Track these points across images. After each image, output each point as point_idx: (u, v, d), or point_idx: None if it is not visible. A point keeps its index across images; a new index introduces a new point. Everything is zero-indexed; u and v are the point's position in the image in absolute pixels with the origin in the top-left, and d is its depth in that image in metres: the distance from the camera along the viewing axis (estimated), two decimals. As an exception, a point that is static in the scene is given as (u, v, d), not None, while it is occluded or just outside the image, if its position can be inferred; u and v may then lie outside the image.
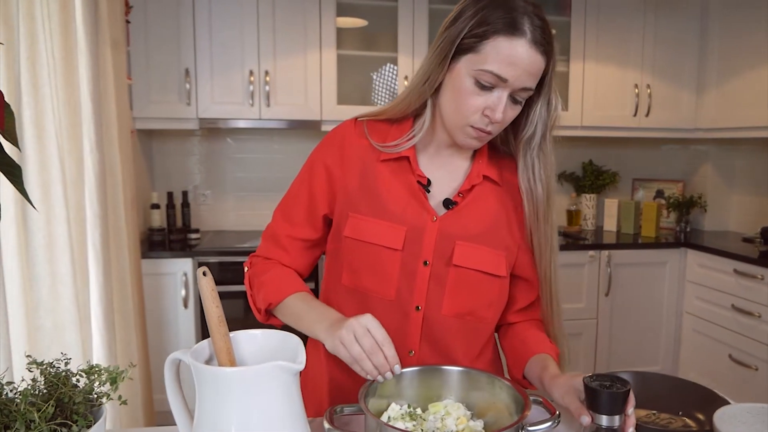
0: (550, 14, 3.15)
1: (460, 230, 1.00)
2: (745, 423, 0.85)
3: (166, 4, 2.72)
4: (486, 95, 0.90)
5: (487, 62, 0.88)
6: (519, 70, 0.88)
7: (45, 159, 1.47)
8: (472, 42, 0.89)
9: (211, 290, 0.70)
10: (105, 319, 1.73)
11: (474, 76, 0.90)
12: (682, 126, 3.24)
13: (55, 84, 1.55)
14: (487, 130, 0.93)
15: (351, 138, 1.03)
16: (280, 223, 1.08)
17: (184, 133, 3.14)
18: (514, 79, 0.88)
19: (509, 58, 0.87)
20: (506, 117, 0.93)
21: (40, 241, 1.44)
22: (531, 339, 1.04)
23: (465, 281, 1.00)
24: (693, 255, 2.99)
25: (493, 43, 0.87)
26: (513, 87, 0.89)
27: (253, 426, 0.64)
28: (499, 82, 0.89)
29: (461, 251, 0.99)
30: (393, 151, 1.00)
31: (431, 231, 0.99)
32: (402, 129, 1.02)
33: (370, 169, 1.01)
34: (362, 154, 1.02)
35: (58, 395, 0.63)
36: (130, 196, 2.14)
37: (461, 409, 0.85)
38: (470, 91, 0.90)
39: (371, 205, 1.00)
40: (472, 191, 1.02)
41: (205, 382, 0.64)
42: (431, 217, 0.99)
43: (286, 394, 0.65)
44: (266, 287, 1.01)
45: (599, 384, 0.83)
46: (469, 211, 1.01)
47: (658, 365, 3.11)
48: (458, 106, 0.93)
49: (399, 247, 0.98)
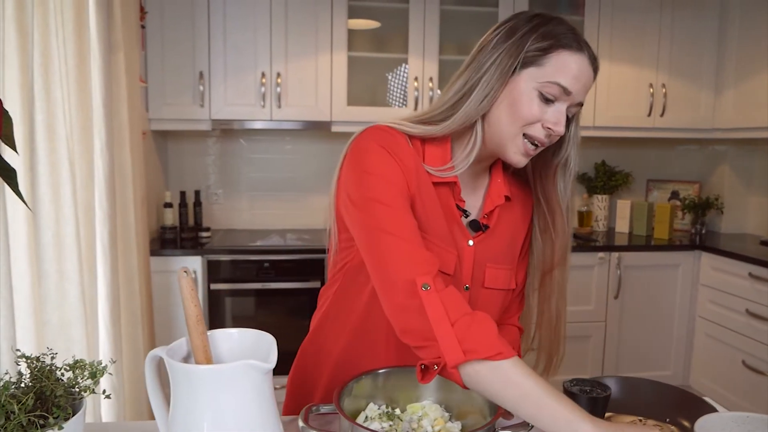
0: (564, 13, 3.14)
1: (489, 253, 1.02)
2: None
3: (182, 9, 2.78)
4: (547, 108, 0.90)
5: (554, 75, 0.88)
6: (580, 84, 0.89)
7: (55, 161, 1.52)
8: (536, 56, 0.89)
9: (191, 290, 0.73)
10: (111, 315, 1.78)
11: (538, 89, 0.89)
12: (699, 126, 3.19)
13: (68, 89, 1.60)
14: (544, 141, 0.92)
15: (406, 149, 0.94)
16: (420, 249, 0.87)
17: (199, 134, 3.19)
18: (577, 92, 0.90)
19: (575, 71, 0.88)
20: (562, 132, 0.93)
21: (49, 240, 1.49)
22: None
23: (491, 301, 1.04)
24: (707, 258, 2.95)
25: (560, 57, 0.89)
26: (573, 101, 0.91)
27: (225, 422, 0.66)
28: (562, 95, 0.89)
29: (491, 274, 1.02)
30: (444, 175, 0.95)
31: (469, 256, 1.00)
32: (443, 149, 0.97)
33: (424, 188, 0.95)
34: (417, 168, 0.94)
35: (40, 388, 0.66)
36: (140, 195, 2.20)
37: (439, 410, 0.86)
38: (533, 101, 0.90)
39: (426, 223, 0.94)
40: (494, 213, 1.03)
41: (178, 378, 0.66)
42: (467, 242, 1.00)
43: (258, 392, 0.67)
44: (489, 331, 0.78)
45: (579, 389, 0.84)
46: (495, 234, 1.03)
47: (669, 370, 3.07)
48: (516, 116, 0.90)
49: (451, 272, 0.96)
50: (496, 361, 0.75)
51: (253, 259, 2.71)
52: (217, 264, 2.70)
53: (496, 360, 0.75)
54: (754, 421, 0.83)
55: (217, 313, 2.72)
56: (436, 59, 2.96)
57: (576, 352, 2.98)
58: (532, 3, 3.01)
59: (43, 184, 1.47)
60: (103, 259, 1.80)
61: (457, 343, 0.77)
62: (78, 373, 0.71)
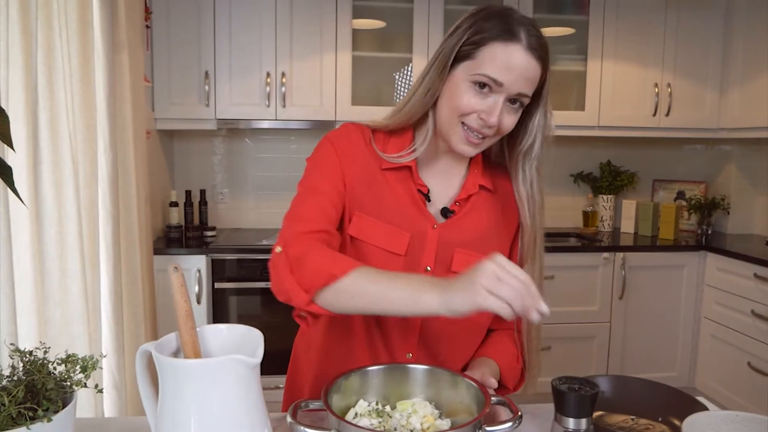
0: (568, 13, 3.14)
1: (458, 238, 1.02)
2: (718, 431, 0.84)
3: (188, 10, 2.80)
4: (482, 99, 0.92)
5: (483, 67, 0.90)
6: (514, 74, 0.90)
7: (58, 159, 1.54)
8: (469, 50, 0.92)
9: (181, 286, 0.74)
10: (114, 312, 1.80)
11: (470, 80, 0.92)
12: (704, 126, 3.18)
13: (71, 88, 1.62)
14: (482, 132, 0.94)
15: (359, 140, 1.03)
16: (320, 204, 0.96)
17: (204, 133, 3.22)
18: (510, 83, 0.90)
19: (505, 62, 0.89)
20: (504, 123, 0.94)
21: (52, 237, 1.51)
22: (491, 346, 1.06)
23: None
24: (712, 258, 2.93)
25: (489, 49, 0.90)
26: (509, 92, 0.91)
27: (211, 416, 0.67)
28: (495, 86, 0.91)
29: (460, 258, 1.02)
30: (397, 161, 1.01)
31: (432, 238, 1.01)
32: (402, 139, 1.03)
33: (373, 173, 1.02)
34: (367, 157, 1.02)
35: (30, 381, 0.67)
36: (143, 194, 2.22)
37: (428, 407, 0.87)
38: (469, 93, 0.92)
39: (376, 208, 1.00)
40: (469, 200, 1.05)
41: (166, 373, 0.67)
42: (431, 225, 1.02)
43: (244, 387, 0.68)
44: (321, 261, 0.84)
45: (567, 387, 0.84)
46: (467, 220, 1.04)
47: (675, 371, 3.05)
48: (453, 105, 0.94)
49: (402, 253, 1.00)
50: (333, 284, 0.82)
51: (258, 258, 2.72)
52: (222, 263, 2.72)
53: (332, 283, 0.82)
54: (744, 419, 0.83)
55: (222, 311, 2.74)
56: (440, 59, 2.96)
57: (580, 353, 2.97)
58: (536, 2, 3.00)
59: (46, 182, 1.49)
60: (106, 257, 1.83)
61: (298, 285, 0.83)
62: (70, 367, 0.73)
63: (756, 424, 0.82)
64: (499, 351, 1.04)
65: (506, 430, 0.76)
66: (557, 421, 0.83)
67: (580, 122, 3.11)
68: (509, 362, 1.04)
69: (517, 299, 0.73)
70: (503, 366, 1.02)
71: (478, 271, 0.75)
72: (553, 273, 2.89)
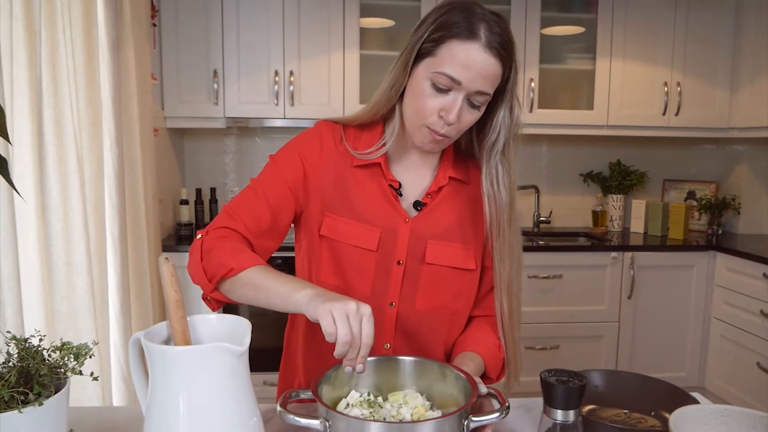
0: (576, 12, 3.12)
1: (430, 230, 1.03)
2: (708, 424, 0.84)
3: (196, 8, 2.83)
4: (442, 97, 0.93)
5: (441, 65, 0.91)
6: (472, 72, 0.90)
7: (63, 155, 1.56)
8: (430, 46, 0.92)
9: (171, 276, 0.75)
10: (122, 307, 1.83)
11: (430, 78, 0.92)
12: (715, 125, 3.14)
13: (75, 85, 1.65)
14: (442, 132, 0.95)
15: (329, 141, 1.05)
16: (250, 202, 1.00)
17: (214, 132, 3.25)
18: (468, 81, 0.90)
19: (462, 60, 0.90)
20: (463, 121, 0.95)
21: (58, 232, 1.54)
22: (471, 337, 1.07)
23: (437, 277, 1.04)
24: (722, 258, 2.90)
25: (448, 47, 0.90)
26: (468, 90, 0.92)
27: (199, 402, 0.68)
28: (453, 85, 0.91)
29: (433, 250, 1.03)
30: (367, 158, 1.03)
31: (404, 232, 1.03)
32: (373, 135, 1.05)
33: (344, 172, 1.04)
34: (337, 157, 1.04)
35: (24, 367, 0.69)
36: (151, 191, 2.25)
37: (419, 399, 0.87)
38: (427, 93, 0.93)
39: (346, 207, 1.03)
40: (440, 192, 1.06)
41: (155, 360, 0.69)
42: (403, 219, 1.03)
43: (232, 374, 0.69)
44: (226, 253, 0.91)
45: (556, 379, 0.84)
46: (438, 212, 1.05)
47: (684, 371, 3.02)
48: (416, 108, 0.95)
49: (374, 248, 1.02)
50: (232, 277, 0.89)
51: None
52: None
53: (230, 276, 0.89)
54: (733, 413, 0.83)
55: (232, 306, 2.76)
56: (447, 57, 2.96)
57: (589, 353, 2.95)
58: (545, 1, 2.99)
59: (51, 178, 1.52)
60: (113, 253, 1.85)
61: (204, 274, 0.92)
62: (64, 354, 0.74)
63: (744, 418, 0.82)
64: (479, 342, 1.04)
65: (492, 420, 0.77)
66: (546, 413, 0.83)
67: (588, 121, 3.09)
68: (492, 352, 1.04)
69: (344, 344, 0.76)
70: (486, 357, 1.02)
71: (347, 301, 0.78)
72: (561, 272, 2.88)
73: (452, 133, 0.96)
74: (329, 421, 0.74)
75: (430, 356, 1.03)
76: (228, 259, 0.90)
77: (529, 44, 3.00)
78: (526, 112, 3.03)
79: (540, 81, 3.03)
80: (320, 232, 1.03)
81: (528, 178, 3.43)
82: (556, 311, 2.91)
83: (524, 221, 3.48)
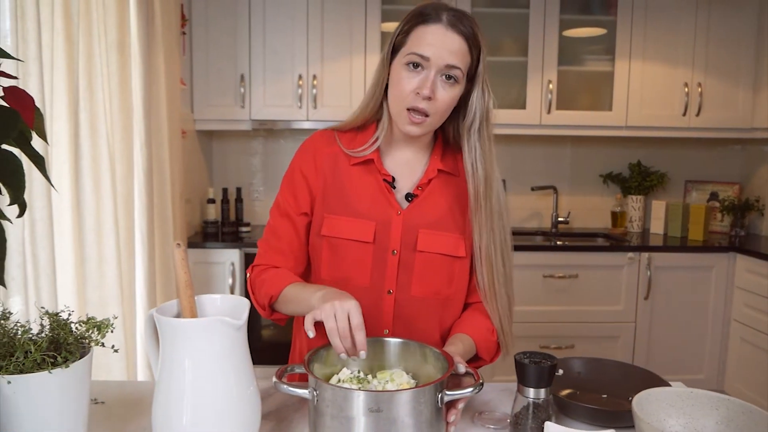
0: (596, 14, 3.15)
1: (421, 220, 1.12)
2: (673, 406, 0.89)
3: (225, 17, 2.97)
4: (416, 77, 1.03)
5: (411, 48, 1.03)
6: (437, 48, 1.01)
7: (97, 155, 1.70)
8: (402, 38, 1.05)
9: (182, 260, 0.85)
10: (148, 298, 1.96)
11: (405, 63, 1.04)
12: (737, 125, 3.12)
13: (109, 91, 1.78)
14: (421, 107, 1.03)
15: (321, 147, 1.16)
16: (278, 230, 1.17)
17: (241, 133, 3.38)
18: (436, 57, 1.01)
19: (427, 39, 1.02)
20: (440, 98, 1.04)
21: (91, 225, 1.67)
22: (465, 321, 1.14)
23: (430, 264, 1.12)
24: (742, 260, 2.88)
25: (416, 32, 1.03)
26: (438, 65, 1.02)
27: (203, 367, 0.78)
28: (422, 61, 1.02)
29: (424, 238, 1.11)
30: (360, 155, 1.13)
31: (397, 223, 1.12)
32: (367, 134, 1.15)
33: (341, 173, 1.14)
34: (333, 160, 1.15)
35: (53, 336, 0.80)
36: (178, 190, 2.38)
37: (405, 377, 0.95)
38: (404, 75, 1.04)
39: (343, 205, 1.13)
40: (430, 184, 1.14)
41: (165, 331, 0.79)
42: (396, 211, 1.12)
43: (231, 345, 0.79)
44: (266, 284, 1.11)
45: (529, 360, 0.91)
46: (429, 202, 1.13)
47: (702, 374, 3.01)
48: (396, 93, 1.06)
49: (370, 240, 1.11)
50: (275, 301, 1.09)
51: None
52: (254, 256, 2.86)
53: (273, 301, 1.10)
54: (698, 395, 0.88)
55: (252, 302, 2.88)
56: (466, 61, 3.03)
57: (604, 353, 2.96)
58: (564, 3, 3.03)
59: (86, 176, 1.65)
60: (141, 247, 1.99)
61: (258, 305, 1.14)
62: (89, 327, 0.85)
63: (708, 400, 0.87)
64: (473, 326, 1.11)
65: (465, 395, 0.84)
66: (519, 391, 0.91)
67: (607, 122, 3.11)
68: (484, 336, 1.10)
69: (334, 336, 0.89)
70: (478, 340, 1.08)
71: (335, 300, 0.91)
72: (576, 272, 2.91)
73: (432, 110, 1.04)
74: (317, 391, 0.82)
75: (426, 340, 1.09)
76: (267, 288, 1.10)
77: (548, 47, 3.04)
78: (544, 113, 3.07)
79: (558, 83, 3.07)
80: (321, 232, 1.14)
81: (547, 178, 3.47)
82: (571, 311, 2.94)
83: (543, 222, 3.52)
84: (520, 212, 3.53)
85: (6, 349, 0.76)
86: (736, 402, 0.85)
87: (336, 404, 0.80)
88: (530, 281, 2.92)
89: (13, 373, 0.74)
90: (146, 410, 0.98)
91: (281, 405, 1.04)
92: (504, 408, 1.02)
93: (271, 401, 1.04)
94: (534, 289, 2.92)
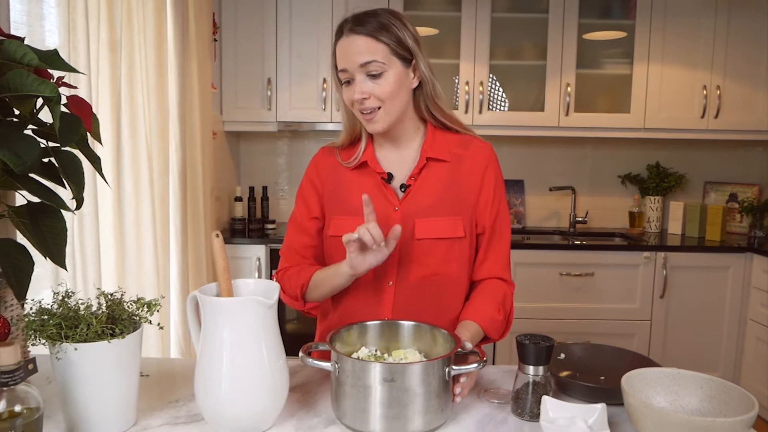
0: (615, 18, 3.21)
1: (416, 208, 1.21)
2: (661, 385, 0.97)
3: (253, 24, 3.12)
4: (350, 87, 1.16)
5: (337, 66, 1.17)
6: (347, 56, 1.14)
7: (136, 155, 1.84)
8: (334, 60, 1.19)
9: (220, 248, 0.97)
10: (181, 288, 2.09)
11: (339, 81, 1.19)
12: (756, 128, 3.15)
13: (148, 96, 1.92)
14: (365, 108, 1.16)
15: (322, 159, 1.32)
16: (295, 237, 1.32)
17: (268, 135, 3.52)
18: (349, 63, 1.14)
19: (340, 53, 1.16)
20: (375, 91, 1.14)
21: (131, 220, 1.81)
22: (471, 305, 1.21)
23: (428, 249, 1.21)
24: (759, 260, 2.91)
25: (336, 52, 1.17)
26: (356, 70, 1.13)
27: (238, 341, 0.89)
28: (344, 74, 1.15)
29: (421, 226, 1.20)
30: (353, 164, 1.26)
31: (395, 218, 1.21)
32: (357, 145, 1.28)
33: (341, 177, 1.27)
34: (333, 169, 1.29)
35: (109, 313, 0.92)
36: (209, 188, 2.52)
37: (417, 356, 1.05)
38: (342, 91, 1.19)
39: (345, 206, 1.24)
40: (421, 173, 1.23)
41: (206, 309, 0.90)
42: (393, 207, 1.21)
43: (263, 322, 0.90)
44: (293, 278, 1.24)
45: (530, 341, 1.00)
46: (421, 190, 1.22)
47: (718, 372, 3.04)
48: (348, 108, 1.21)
49: None
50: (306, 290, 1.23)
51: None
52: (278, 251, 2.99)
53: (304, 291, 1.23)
54: (685, 376, 0.96)
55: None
56: (486, 64, 3.12)
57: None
58: (582, 7, 3.09)
59: (126, 174, 1.79)
60: (175, 240, 2.12)
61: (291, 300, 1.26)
62: (139, 305, 0.97)
63: (693, 380, 0.95)
64: (478, 310, 1.18)
65: (470, 370, 0.94)
66: (520, 369, 1.00)
67: (625, 124, 3.17)
68: (490, 317, 1.17)
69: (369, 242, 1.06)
70: (485, 323, 1.16)
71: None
72: (593, 270, 2.97)
73: (375, 102, 1.15)
74: (338, 364, 0.93)
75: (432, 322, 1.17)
76: (296, 280, 1.24)
77: (566, 50, 3.11)
78: (562, 115, 3.14)
79: (576, 85, 3.13)
80: (328, 233, 1.26)
81: (565, 179, 3.53)
82: (587, 308, 3.00)
83: (561, 221, 3.58)
84: (539, 212, 3.60)
85: (72, 321, 0.89)
86: (719, 381, 0.93)
87: (355, 375, 0.91)
88: (547, 279, 2.99)
89: (79, 342, 0.86)
90: (183, 383, 1.11)
91: (306, 380, 1.15)
92: (507, 386, 1.12)
93: (297, 377, 1.16)
94: (551, 286, 3.00)
